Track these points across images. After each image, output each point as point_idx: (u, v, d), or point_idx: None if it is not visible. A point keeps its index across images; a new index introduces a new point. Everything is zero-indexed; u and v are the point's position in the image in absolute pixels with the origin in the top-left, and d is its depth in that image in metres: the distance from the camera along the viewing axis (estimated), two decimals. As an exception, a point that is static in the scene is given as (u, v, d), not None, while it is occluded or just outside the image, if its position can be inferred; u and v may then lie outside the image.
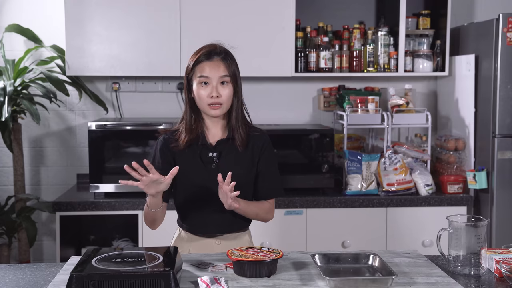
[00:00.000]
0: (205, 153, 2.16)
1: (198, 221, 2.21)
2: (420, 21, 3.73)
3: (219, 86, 2.10)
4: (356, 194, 3.41)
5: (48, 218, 3.85)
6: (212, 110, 2.11)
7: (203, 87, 2.10)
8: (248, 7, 3.50)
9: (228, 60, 2.13)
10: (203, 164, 2.15)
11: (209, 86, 2.10)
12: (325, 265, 1.97)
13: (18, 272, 1.97)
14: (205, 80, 2.10)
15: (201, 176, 2.15)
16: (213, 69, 2.09)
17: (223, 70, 2.10)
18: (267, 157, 2.21)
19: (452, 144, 3.53)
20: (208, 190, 2.13)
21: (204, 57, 2.11)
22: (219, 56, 2.12)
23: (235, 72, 2.13)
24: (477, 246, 1.92)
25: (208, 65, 2.10)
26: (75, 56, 3.46)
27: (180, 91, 3.86)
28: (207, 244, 2.22)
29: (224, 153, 2.17)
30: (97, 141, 3.34)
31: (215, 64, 2.10)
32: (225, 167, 2.13)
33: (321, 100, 3.85)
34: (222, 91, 2.10)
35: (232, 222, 2.20)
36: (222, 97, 2.10)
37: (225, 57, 2.13)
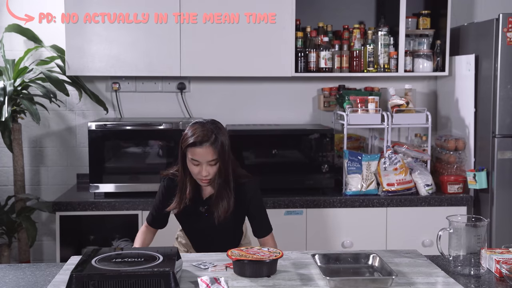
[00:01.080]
0: (198, 206, 2.46)
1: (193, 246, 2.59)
2: (420, 21, 3.73)
3: (208, 167, 2.36)
4: (356, 194, 3.41)
5: (48, 218, 3.85)
6: (202, 183, 2.41)
7: (194, 166, 2.37)
8: (248, 7, 3.50)
9: (216, 144, 2.35)
10: (196, 215, 2.46)
11: (199, 166, 2.36)
12: (325, 265, 1.97)
13: (18, 272, 1.97)
14: (196, 163, 2.37)
15: (195, 223, 2.49)
16: (203, 155, 2.34)
17: (211, 155, 2.34)
18: (255, 203, 2.48)
19: (452, 144, 3.53)
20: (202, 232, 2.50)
21: (196, 143, 2.34)
22: (208, 141, 2.34)
23: (222, 151, 2.36)
24: (477, 246, 1.92)
25: (197, 151, 2.34)
26: (75, 56, 3.46)
27: (180, 91, 3.86)
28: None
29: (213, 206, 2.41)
30: (97, 141, 3.34)
31: (204, 150, 2.34)
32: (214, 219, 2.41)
33: (321, 100, 3.85)
34: (210, 170, 2.36)
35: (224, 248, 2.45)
36: (210, 175, 2.37)
37: (214, 141, 2.35)
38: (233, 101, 3.89)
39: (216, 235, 2.48)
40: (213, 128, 2.38)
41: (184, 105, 3.87)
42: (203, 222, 2.46)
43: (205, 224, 2.45)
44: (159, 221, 2.55)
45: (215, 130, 2.38)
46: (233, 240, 2.55)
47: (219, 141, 2.35)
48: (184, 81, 3.86)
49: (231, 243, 2.49)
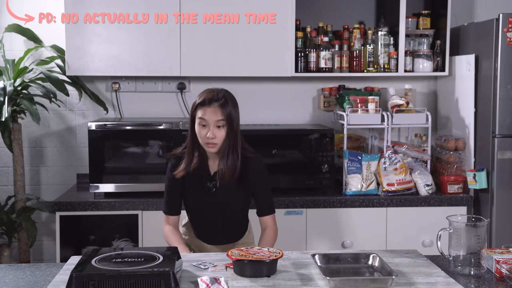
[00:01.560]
0: (204, 182, 2.47)
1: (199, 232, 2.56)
2: (420, 21, 3.73)
3: (215, 129, 2.38)
4: (356, 194, 3.41)
5: (48, 218, 3.85)
6: (208, 147, 2.40)
7: (202, 128, 2.39)
8: (248, 7, 3.50)
9: (225, 106, 2.38)
10: (203, 191, 2.47)
11: (206, 128, 2.38)
12: (325, 265, 1.97)
13: (18, 272, 1.97)
14: (204, 123, 2.38)
15: (202, 201, 2.48)
16: (210, 114, 2.37)
17: (219, 115, 2.37)
18: (262, 180, 2.50)
19: (452, 144, 3.53)
20: (208, 213, 2.49)
21: (205, 102, 2.38)
22: (218, 102, 2.38)
23: (230, 116, 2.39)
24: (477, 246, 1.92)
25: (206, 110, 2.37)
26: (75, 56, 3.46)
27: (180, 91, 3.86)
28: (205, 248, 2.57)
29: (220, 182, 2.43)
30: (97, 141, 3.34)
31: (213, 110, 2.37)
32: (221, 194, 2.45)
33: (321, 100, 3.85)
34: (217, 133, 2.38)
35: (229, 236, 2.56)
36: (216, 138, 2.38)
37: (223, 103, 2.38)
38: (233, 101, 3.89)
39: (222, 217, 2.49)
40: (224, 92, 2.42)
41: (184, 105, 3.87)
42: (209, 199, 2.46)
43: (212, 201, 2.45)
44: (175, 206, 2.53)
45: (226, 94, 2.42)
46: (238, 226, 2.55)
47: (228, 104, 2.38)
48: (184, 81, 3.86)
49: (236, 230, 2.53)
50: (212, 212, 2.48)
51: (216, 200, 2.45)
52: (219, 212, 2.48)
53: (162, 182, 3.36)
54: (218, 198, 2.45)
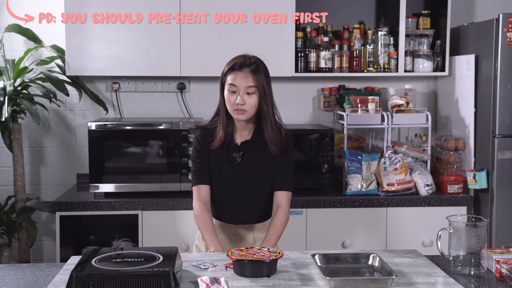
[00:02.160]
0: (231, 152, 2.38)
1: (224, 211, 2.44)
2: (420, 21, 3.73)
3: (245, 96, 2.29)
4: (356, 194, 3.41)
5: (48, 218, 3.85)
6: (237, 114, 2.31)
7: (231, 94, 2.30)
8: (248, 7, 3.50)
9: (257, 72, 2.30)
10: (229, 163, 2.38)
11: (236, 94, 2.29)
12: (325, 265, 1.97)
13: (18, 272, 1.97)
14: (233, 89, 2.30)
15: (227, 173, 2.38)
16: (241, 80, 2.28)
17: (250, 81, 2.28)
18: (287, 155, 2.42)
19: (452, 144, 3.53)
20: (233, 185, 2.39)
21: (236, 67, 2.31)
22: (249, 67, 2.30)
23: (262, 83, 2.30)
24: (477, 246, 1.92)
25: (237, 75, 2.29)
26: (75, 56, 3.46)
27: (180, 91, 3.86)
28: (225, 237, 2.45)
29: (247, 153, 2.37)
30: (97, 141, 3.34)
31: (244, 75, 2.29)
32: (247, 165, 2.37)
33: (321, 100, 3.85)
34: (247, 100, 2.29)
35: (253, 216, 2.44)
36: (246, 105, 2.29)
37: (255, 69, 2.30)
38: (233, 101, 3.89)
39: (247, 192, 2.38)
40: (256, 59, 2.34)
41: (184, 105, 3.87)
42: (234, 170, 2.36)
43: (236, 173, 2.36)
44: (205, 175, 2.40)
45: (258, 61, 2.33)
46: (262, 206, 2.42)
47: (260, 70, 2.30)
48: (184, 81, 3.86)
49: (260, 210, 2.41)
50: (237, 185, 2.38)
51: (241, 171, 2.36)
52: (243, 185, 2.37)
53: (162, 182, 3.39)
54: (243, 169, 2.35)
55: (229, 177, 2.38)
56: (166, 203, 3.27)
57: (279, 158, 2.39)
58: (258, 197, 2.42)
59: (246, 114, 2.31)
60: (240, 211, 2.41)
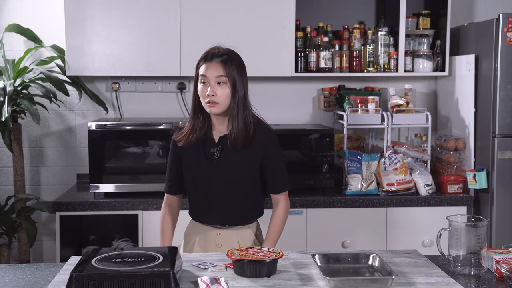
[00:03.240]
0: (208, 148, 2.31)
1: (202, 211, 2.38)
2: (420, 21, 3.73)
3: (216, 86, 2.22)
4: (356, 194, 3.41)
5: (48, 218, 3.85)
6: (209, 107, 2.24)
7: (203, 87, 2.24)
8: (248, 7, 3.50)
9: (227, 63, 2.24)
10: (206, 159, 2.30)
11: (207, 86, 2.23)
12: (325, 265, 1.97)
13: (18, 272, 1.97)
14: (204, 80, 2.24)
15: (203, 170, 2.31)
16: (211, 70, 2.23)
17: (220, 71, 2.22)
18: (273, 152, 2.34)
19: (452, 144, 3.53)
20: (211, 183, 2.31)
21: (207, 58, 2.25)
22: (219, 58, 2.24)
23: (233, 74, 2.24)
24: (477, 246, 1.92)
25: (207, 66, 2.24)
26: (75, 56, 3.46)
27: (180, 91, 3.86)
28: (210, 236, 2.37)
29: (226, 149, 2.29)
30: (97, 141, 3.34)
31: (213, 65, 2.23)
32: (227, 162, 2.29)
33: (321, 100, 3.85)
34: (218, 91, 2.22)
35: (234, 216, 2.35)
36: (217, 96, 2.22)
37: (225, 59, 2.24)
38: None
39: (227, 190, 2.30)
40: (229, 51, 2.27)
41: (184, 105, 3.87)
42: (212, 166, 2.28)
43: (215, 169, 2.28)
44: (177, 183, 2.39)
45: (231, 52, 2.27)
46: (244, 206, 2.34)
47: (232, 62, 2.23)
48: (184, 81, 3.86)
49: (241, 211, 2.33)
50: (216, 182, 2.29)
51: (220, 167, 2.27)
52: (222, 182, 2.29)
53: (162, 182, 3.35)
54: (221, 165, 2.27)
55: (207, 174, 2.30)
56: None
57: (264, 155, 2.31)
58: (239, 195, 2.32)
59: (218, 106, 2.23)
60: (220, 211, 2.32)
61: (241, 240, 2.35)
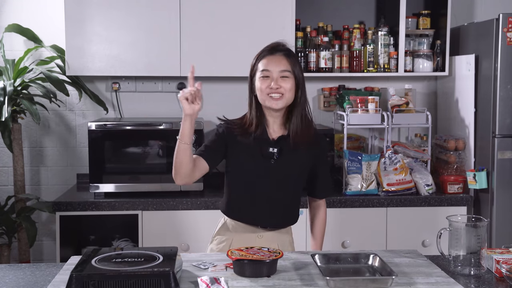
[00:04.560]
0: (265, 147, 2.21)
1: (245, 210, 2.26)
2: (420, 21, 3.73)
3: (280, 79, 2.13)
4: (356, 194, 3.41)
5: (48, 218, 3.85)
6: (273, 100, 2.13)
7: (264, 81, 2.14)
8: (248, 7, 3.50)
9: (291, 57, 2.18)
10: (263, 158, 2.21)
11: (269, 79, 2.14)
12: (325, 265, 1.97)
13: (18, 272, 1.97)
14: (266, 74, 2.14)
15: (259, 169, 2.21)
16: (274, 63, 2.14)
17: (284, 64, 2.14)
18: (323, 158, 2.35)
19: (452, 144, 3.53)
20: (265, 183, 2.22)
21: (267, 52, 2.19)
22: (282, 52, 2.18)
23: (297, 70, 2.18)
24: (477, 246, 1.92)
25: (270, 59, 2.15)
26: (75, 56, 3.46)
27: (180, 91, 3.85)
28: (249, 237, 2.27)
29: (284, 149, 2.22)
30: (97, 141, 3.34)
31: (276, 58, 2.15)
32: (284, 163, 2.21)
33: (321, 100, 3.85)
34: (283, 83, 2.13)
35: (277, 218, 2.29)
36: (281, 88, 2.13)
37: (288, 53, 2.19)
38: (233, 101, 3.87)
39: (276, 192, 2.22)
40: (288, 47, 2.20)
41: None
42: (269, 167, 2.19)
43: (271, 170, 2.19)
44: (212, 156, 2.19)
45: (292, 51, 2.21)
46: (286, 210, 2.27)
47: (294, 56, 2.18)
48: (184, 81, 3.86)
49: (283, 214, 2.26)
50: (268, 183, 2.21)
51: (276, 168, 2.18)
52: (275, 184, 2.21)
53: (162, 182, 3.39)
54: (278, 166, 2.18)
55: (262, 174, 2.21)
56: (166, 203, 3.27)
57: (314, 158, 2.27)
58: (286, 197, 2.28)
59: (283, 99, 2.13)
60: (267, 212, 2.25)
61: (280, 243, 2.29)
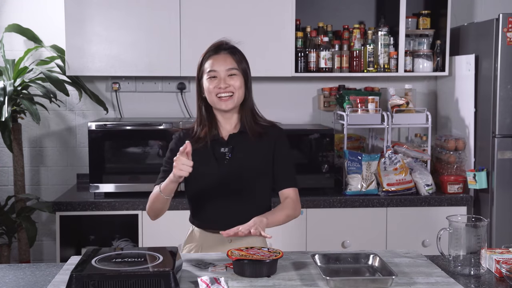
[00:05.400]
0: (217, 149, 2.18)
1: (210, 217, 2.21)
2: (420, 21, 3.73)
3: (228, 78, 2.11)
4: (356, 194, 3.41)
5: (48, 218, 3.85)
6: (223, 102, 2.11)
7: (211, 81, 2.11)
8: (248, 7, 3.50)
9: (236, 54, 2.15)
10: (216, 160, 2.17)
11: (217, 79, 2.11)
12: (325, 265, 1.97)
13: (18, 272, 1.97)
14: (213, 75, 2.11)
15: (214, 171, 2.16)
16: (220, 62, 2.11)
17: (230, 62, 2.12)
18: (282, 149, 2.22)
19: (452, 144, 3.53)
20: (221, 185, 2.16)
21: (211, 52, 2.15)
22: (226, 50, 2.15)
23: (244, 66, 2.15)
24: (477, 246, 1.92)
25: (215, 59, 2.12)
26: (75, 56, 3.46)
27: (180, 91, 3.86)
28: (218, 243, 2.20)
29: (237, 147, 2.18)
30: (97, 141, 3.34)
31: (222, 57, 2.12)
32: (238, 161, 2.16)
33: (321, 100, 3.85)
34: (231, 81, 2.10)
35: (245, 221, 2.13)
36: (231, 86, 2.10)
37: (233, 51, 2.16)
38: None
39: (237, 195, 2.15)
40: (233, 44, 2.16)
41: (184, 105, 3.86)
42: (223, 168, 2.13)
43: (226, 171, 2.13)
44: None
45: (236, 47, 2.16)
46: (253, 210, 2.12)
47: (239, 53, 2.14)
48: (184, 81, 3.86)
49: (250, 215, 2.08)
50: (227, 185, 2.14)
51: (231, 167, 2.13)
52: (234, 185, 2.14)
53: (162, 182, 3.38)
54: (233, 165, 2.13)
55: (218, 176, 2.15)
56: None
57: (271, 149, 2.19)
58: (251, 197, 2.19)
59: (233, 98, 2.10)
60: (232, 215, 2.15)
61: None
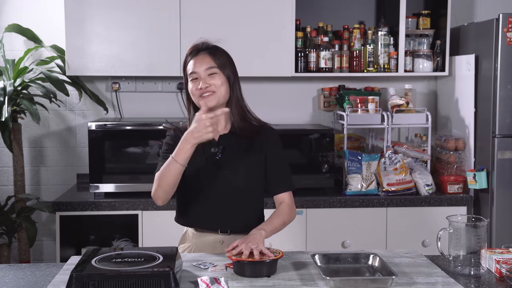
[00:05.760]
0: (208, 149, 2.17)
1: (199, 217, 2.21)
2: (420, 21, 3.73)
3: (208, 78, 2.11)
4: (356, 194, 3.41)
5: (48, 218, 3.85)
6: (203, 100, 2.09)
7: (194, 83, 2.12)
8: (248, 7, 3.50)
9: (215, 53, 2.15)
10: (206, 160, 2.16)
11: (198, 81, 2.12)
12: (325, 265, 1.97)
13: (18, 272, 1.97)
14: (194, 76, 2.13)
15: (205, 172, 2.16)
16: (199, 63, 2.12)
17: (208, 62, 2.12)
18: (275, 150, 2.22)
19: (452, 144, 3.53)
20: (213, 185, 2.16)
21: (190, 55, 2.17)
22: (205, 50, 2.16)
23: (224, 64, 2.14)
24: (477, 246, 1.92)
25: (195, 60, 2.14)
26: (75, 56, 3.46)
27: (180, 91, 3.86)
28: (210, 244, 2.20)
29: (229, 148, 2.17)
30: (97, 141, 3.34)
31: (200, 58, 2.13)
32: (229, 162, 2.16)
33: (321, 100, 3.85)
34: (212, 81, 2.10)
35: (237, 220, 2.18)
36: (211, 86, 2.10)
37: (212, 51, 2.15)
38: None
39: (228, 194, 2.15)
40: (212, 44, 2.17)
41: (184, 105, 3.85)
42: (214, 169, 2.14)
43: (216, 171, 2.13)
44: None
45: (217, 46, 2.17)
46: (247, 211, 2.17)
47: (219, 52, 2.13)
48: (184, 81, 3.85)
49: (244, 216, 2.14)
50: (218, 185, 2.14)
51: (222, 168, 2.13)
52: (225, 185, 2.14)
53: (162, 182, 3.38)
54: (224, 165, 2.13)
55: (208, 177, 2.15)
56: (166, 203, 3.26)
57: (263, 151, 2.19)
58: (242, 198, 2.18)
59: (215, 96, 2.09)
60: (221, 216, 2.16)
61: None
